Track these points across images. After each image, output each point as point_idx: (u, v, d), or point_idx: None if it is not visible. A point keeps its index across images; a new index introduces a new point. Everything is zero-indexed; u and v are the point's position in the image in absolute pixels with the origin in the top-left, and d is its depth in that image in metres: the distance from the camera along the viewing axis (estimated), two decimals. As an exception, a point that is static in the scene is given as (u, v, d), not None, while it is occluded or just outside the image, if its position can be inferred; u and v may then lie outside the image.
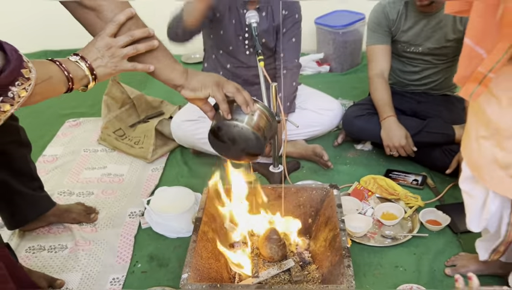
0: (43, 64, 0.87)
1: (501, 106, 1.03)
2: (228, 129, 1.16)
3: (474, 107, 1.12)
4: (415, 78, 2.10)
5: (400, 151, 1.92)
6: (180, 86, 1.11)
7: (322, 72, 2.99)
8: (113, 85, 2.33)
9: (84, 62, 0.95)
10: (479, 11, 1.00)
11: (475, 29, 1.02)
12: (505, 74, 1.01)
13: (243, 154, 1.22)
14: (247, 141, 1.17)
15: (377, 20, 2.04)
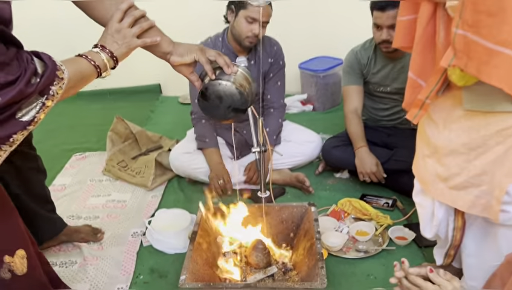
0: (74, 62, 1.05)
1: (438, 129, 1.28)
2: (214, 88, 1.27)
3: (420, 132, 1.36)
4: (385, 114, 2.37)
5: (372, 177, 2.15)
6: (169, 53, 1.23)
7: (306, 110, 3.26)
8: (117, 122, 2.57)
9: (104, 50, 1.11)
10: (418, 50, 1.27)
11: (416, 64, 1.28)
12: (440, 104, 1.26)
13: (230, 111, 1.32)
14: (232, 96, 1.28)
15: (351, 64, 2.32)
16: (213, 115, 1.36)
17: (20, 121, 0.90)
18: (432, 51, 1.24)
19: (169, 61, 1.26)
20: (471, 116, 1.20)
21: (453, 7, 1.11)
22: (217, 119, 1.40)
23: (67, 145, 2.84)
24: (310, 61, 3.32)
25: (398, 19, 1.36)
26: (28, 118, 0.91)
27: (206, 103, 1.31)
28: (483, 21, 1.02)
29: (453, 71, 1.11)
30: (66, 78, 0.97)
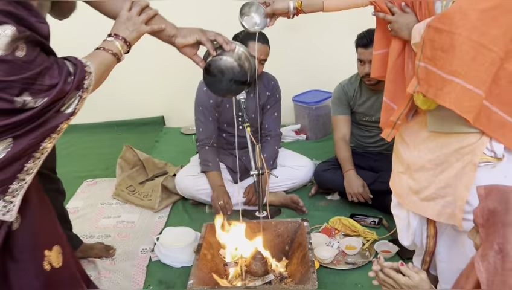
0: (95, 56, 1.19)
1: (409, 149, 1.50)
2: (216, 63, 1.39)
3: (395, 152, 1.58)
4: (371, 142, 2.59)
5: (359, 197, 2.35)
6: (173, 36, 1.36)
7: (299, 140, 3.48)
8: (126, 150, 2.78)
9: (118, 37, 1.25)
10: (390, 78, 1.50)
11: (389, 91, 1.52)
12: (410, 128, 1.49)
13: (232, 84, 1.42)
14: (232, 69, 1.39)
15: (339, 97, 2.57)
16: (218, 89, 1.47)
17: (65, 114, 1.08)
18: (401, 79, 1.47)
19: (175, 44, 1.38)
20: (435, 137, 1.42)
21: (416, 44, 1.35)
22: (221, 93, 1.51)
23: (79, 173, 3.03)
24: (302, 94, 3.57)
25: (373, 53, 1.62)
26: (71, 110, 1.09)
27: (210, 78, 1.42)
28: (438, 55, 1.26)
29: (418, 97, 1.34)
30: (93, 71, 1.14)
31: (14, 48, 0.97)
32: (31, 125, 1.03)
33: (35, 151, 1.06)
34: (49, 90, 1.04)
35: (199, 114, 2.50)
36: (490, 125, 1.33)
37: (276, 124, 2.58)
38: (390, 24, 1.47)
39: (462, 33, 1.23)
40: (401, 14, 1.45)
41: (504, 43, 1.25)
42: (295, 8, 1.55)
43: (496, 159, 1.35)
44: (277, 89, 2.57)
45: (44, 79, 1.03)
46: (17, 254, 1.12)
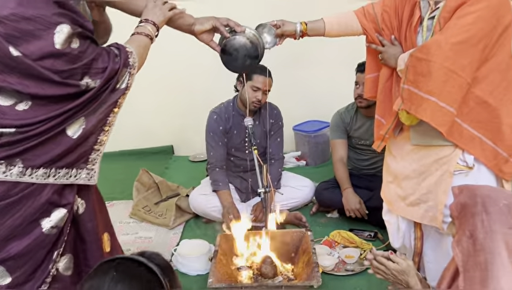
0: (133, 40, 1.41)
1: (396, 161, 1.77)
2: (230, 42, 1.62)
3: (385, 164, 1.86)
4: (366, 164, 2.86)
5: (356, 213, 2.60)
6: (192, 24, 1.57)
7: (300, 165, 3.75)
8: (143, 173, 3.04)
9: (148, 21, 1.44)
10: (380, 98, 1.80)
11: (379, 108, 1.81)
12: (397, 143, 1.78)
13: (246, 59, 1.64)
14: (245, 45, 1.63)
15: (336, 123, 2.86)
16: (235, 66, 1.69)
17: (120, 89, 1.32)
18: (389, 99, 1.77)
19: (194, 31, 1.59)
20: (417, 150, 1.70)
21: (402, 70, 1.66)
22: (238, 69, 1.73)
23: (96, 196, 3.27)
24: (302, 124, 3.87)
25: (365, 77, 1.92)
26: (124, 85, 1.33)
27: (226, 57, 1.64)
28: (419, 79, 1.57)
29: (402, 113, 1.63)
30: (134, 50, 1.37)
31: (69, 42, 1.22)
32: (95, 103, 1.27)
33: (104, 126, 1.31)
34: (104, 72, 1.28)
35: (210, 140, 2.77)
36: (462, 140, 1.61)
37: (279, 148, 2.87)
38: (380, 54, 1.78)
39: (436, 61, 1.53)
40: (390, 46, 1.76)
41: (471, 71, 1.55)
42: (301, 31, 1.84)
43: (468, 168, 1.63)
44: (280, 117, 2.87)
45: (98, 63, 1.28)
46: (83, 235, 1.37)
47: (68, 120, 1.25)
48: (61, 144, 1.25)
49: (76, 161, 1.29)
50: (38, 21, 1.17)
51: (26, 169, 1.24)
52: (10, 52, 1.17)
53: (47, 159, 1.25)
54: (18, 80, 1.20)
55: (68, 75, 1.22)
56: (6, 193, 1.23)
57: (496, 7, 1.53)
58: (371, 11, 1.84)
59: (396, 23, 1.77)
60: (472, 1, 1.52)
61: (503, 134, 1.60)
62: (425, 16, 1.67)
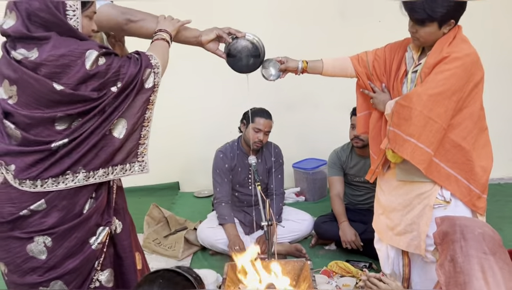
0: (153, 45, 1.62)
1: (385, 195, 2.04)
2: (233, 46, 1.83)
3: (376, 198, 2.12)
4: (361, 199, 3.13)
5: (352, 245, 2.84)
6: (199, 36, 1.77)
7: (299, 201, 4.00)
8: (153, 208, 3.29)
9: (162, 31, 1.67)
10: (372, 135, 2.09)
11: (372, 145, 2.09)
12: (385, 178, 2.05)
13: (250, 59, 1.86)
14: (247, 47, 1.85)
15: (333, 161, 3.15)
16: (240, 67, 1.89)
17: (148, 88, 1.52)
18: (379, 137, 2.06)
19: (201, 42, 1.79)
20: (402, 185, 1.97)
21: (388, 115, 1.94)
22: (244, 69, 1.91)
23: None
24: (301, 161, 4.14)
25: (357, 115, 2.21)
26: (152, 84, 1.52)
27: (232, 59, 1.86)
28: (401, 122, 1.86)
29: (388, 152, 1.91)
30: (153, 53, 1.56)
31: (97, 61, 1.44)
32: (128, 100, 1.48)
33: (143, 122, 1.53)
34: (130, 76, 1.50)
35: (216, 176, 3.04)
36: (440, 177, 1.88)
37: (280, 184, 3.14)
38: (371, 99, 2.08)
39: (417, 108, 1.82)
40: (380, 93, 2.06)
41: (446, 118, 1.84)
42: (302, 68, 2.14)
43: (446, 202, 1.90)
44: (280, 155, 3.16)
45: (123, 70, 1.49)
46: (120, 252, 1.62)
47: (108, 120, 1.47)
48: (111, 144, 1.48)
49: (127, 157, 1.52)
50: (71, 54, 1.41)
51: (89, 172, 1.48)
52: (54, 88, 1.40)
53: (102, 160, 1.48)
54: (66, 107, 1.43)
55: (102, 87, 1.46)
56: (63, 218, 1.48)
57: (469, 66, 1.83)
58: (364, 58, 2.15)
59: (386, 73, 2.08)
60: (448, 60, 1.82)
61: (475, 174, 1.88)
62: (410, 69, 1.98)
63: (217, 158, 3.07)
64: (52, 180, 1.45)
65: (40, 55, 1.40)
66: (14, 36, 1.43)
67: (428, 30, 1.85)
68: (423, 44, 1.92)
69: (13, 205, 1.45)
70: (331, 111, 3.99)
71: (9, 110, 1.44)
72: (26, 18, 1.41)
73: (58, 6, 1.42)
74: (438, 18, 1.81)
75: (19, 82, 1.42)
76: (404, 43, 2.04)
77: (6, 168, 1.46)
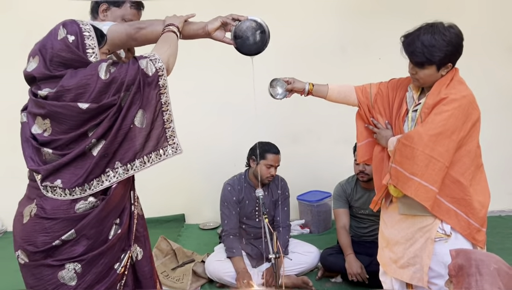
0: (162, 38, 1.73)
1: (388, 228, 2.15)
2: (238, 28, 1.91)
3: (380, 232, 2.23)
4: (366, 232, 3.23)
5: (358, 277, 2.92)
6: (205, 26, 1.87)
7: (304, 233, 4.09)
8: (161, 240, 3.39)
9: (172, 25, 1.79)
10: (375, 164, 2.21)
11: (375, 175, 2.20)
12: (388, 212, 2.17)
13: (256, 36, 1.93)
14: (251, 25, 1.93)
15: (339, 193, 3.27)
16: (249, 46, 1.95)
17: (152, 75, 1.62)
18: (381, 169, 2.18)
19: (208, 31, 1.88)
20: (405, 219, 2.08)
21: (391, 151, 2.07)
22: (253, 47, 1.96)
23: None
24: (305, 194, 4.26)
25: (357, 144, 2.33)
26: (154, 70, 1.62)
27: (239, 40, 1.94)
28: (404, 161, 1.98)
29: (390, 187, 2.03)
30: (154, 51, 1.68)
31: (109, 70, 1.59)
32: (139, 92, 1.60)
33: (161, 107, 1.65)
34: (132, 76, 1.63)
35: (224, 209, 3.15)
36: (440, 211, 2.00)
37: (286, 216, 3.26)
38: (375, 134, 2.21)
39: (418, 148, 1.95)
40: (383, 129, 2.19)
41: (448, 157, 1.96)
42: (308, 90, 2.29)
43: (446, 235, 2.01)
44: (286, 188, 3.29)
45: (128, 70, 1.61)
46: (141, 278, 1.74)
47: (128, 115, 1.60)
48: (138, 136, 1.62)
49: (157, 143, 1.66)
50: (87, 73, 1.57)
51: (126, 166, 1.62)
52: (81, 108, 1.56)
53: (134, 151, 1.62)
54: (95, 118, 1.58)
55: (119, 91, 1.60)
56: (92, 245, 1.61)
57: (466, 107, 1.97)
58: (367, 90, 2.29)
59: (388, 110, 2.21)
60: (446, 101, 1.96)
61: (474, 209, 1.99)
62: (410, 108, 2.12)
63: (225, 191, 3.19)
64: (96, 181, 1.60)
65: (61, 84, 1.58)
66: (39, 78, 1.61)
67: (427, 72, 2.00)
68: (422, 85, 2.07)
69: (47, 235, 1.59)
70: (334, 144, 4.14)
71: (47, 140, 1.60)
72: (48, 60, 1.59)
73: (78, 45, 1.61)
74: (436, 62, 1.96)
75: (49, 115, 1.59)
76: (405, 82, 2.18)
77: (52, 187, 1.60)
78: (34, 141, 1.62)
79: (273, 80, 2.29)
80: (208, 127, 4.30)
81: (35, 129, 1.62)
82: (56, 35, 1.61)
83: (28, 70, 1.63)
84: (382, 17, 4.06)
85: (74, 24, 1.63)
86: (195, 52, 3.49)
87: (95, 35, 1.65)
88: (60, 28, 1.62)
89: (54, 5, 3.78)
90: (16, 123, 1.75)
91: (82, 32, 1.62)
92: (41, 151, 1.61)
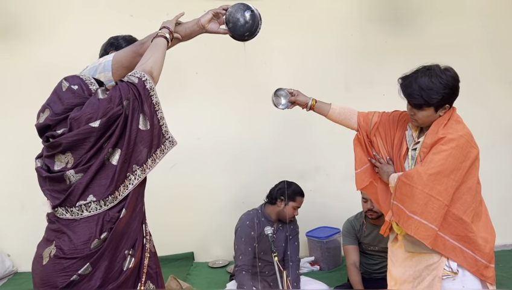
0: (152, 46, 1.87)
1: (395, 266, 2.22)
2: (227, 13, 2.02)
3: (388, 271, 2.29)
4: (376, 268, 3.27)
5: (369, 315, 2.96)
6: (198, 20, 1.99)
7: (314, 270, 4.13)
8: (171, 280, 3.45)
9: (165, 27, 1.92)
10: (381, 187, 2.27)
11: (383, 209, 2.27)
12: (395, 251, 2.24)
13: (247, 16, 2.03)
14: (239, 8, 2.04)
15: (348, 230, 3.34)
16: (243, 26, 2.05)
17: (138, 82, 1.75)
18: (387, 201, 2.26)
19: (202, 24, 2.00)
20: (411, 257, 2.15)
21: (392, 187, 2.16)
22: (247, 27, 2.05)
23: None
24: (314, 230, 4.31)
25: (355, 171, 2.40)
26: (137, 77, 1.76)
27: (232, 24, 2.04)
28: (404, 199, 2.07)
29: (394, 224, 2.11)
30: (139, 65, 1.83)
31: (104, 92, 1.74)
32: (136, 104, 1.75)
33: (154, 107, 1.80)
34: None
35: (240, 244, 3.20)
36: (446, 249, 2.07)
37: (296, 251, 3.36)
38: (376, 168, 2.30)
39: (418, 187, 2.04)
40: (385, 165, 2.28)
41: (447, 196, 2.04)
42: (311, 105, 2.39)
43: (453, 273, 2.07)
44: (296, 224, 3.38)
45: (122, 86, 1.75)
46: None
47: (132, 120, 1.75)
48: (145, 138, 1.76)
49: (159, 140, 1.80)
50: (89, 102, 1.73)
51: (142, 166, 1.76)
52: (93, 127, 1.70)
53: (146, 152, 1.76)
54: (109, 131, 1.72)
55: (120, 102, 1.74)
56: (106, 277, 1.69)
57: (464, 146, 2.07)
58: (369, 117, 2.39)
59: (389, 144, 2.30)
60: (444, 141, 2.06)
61: (479, 245, 2.06)
62: (410, 147, 2.22)
63: (243, 225, 3.24)
64: (122, 187, 1.73)
65: (70, 117, 1.73)
66: (53, 124, 1.75)
67: (425, 114, 2.11)
68: (421, 125, 2.18)
69: (66, 274, 1.69)
70: (342, 180, 4.22)
71: (70, 168, 1.73)
72: (59, 108, 1.75)
73: (84, 91, 1.78)
74: (434, 104, 2.07)
75: (68, 147, 1.73)
76: (406, 118, 2.28)
77: (87, 205, 1.71)
78: (55, 174, 1.76)
79: (278, 90, 2.39)
80: (215, 168, 4.40)
81: (58, 166, 1.76)
82: (60, 88, 1.79)
83: (41, 121, 1.78)
84: (386, 54, 4.23)
85: (75, 77, 1.83)
86: (207, 98, 3.66)
87: (96, 83, 1.84)
88: (63, 82, 1.81)
89: (68, 51, 4.01)
90: (28, 164, 1.86)
91: (84, 81, 1.81)
92: (64, 177, 1.73)
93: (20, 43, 4.24)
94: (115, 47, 2.20)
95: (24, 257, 3.99)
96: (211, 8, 2.04)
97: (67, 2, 4.24)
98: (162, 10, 4.07)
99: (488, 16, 4.29)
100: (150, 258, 1.89)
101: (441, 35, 4.18)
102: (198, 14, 2.04)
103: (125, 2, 4.20)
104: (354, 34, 4.29)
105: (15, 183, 4.17)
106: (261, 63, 4.23)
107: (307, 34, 4.28)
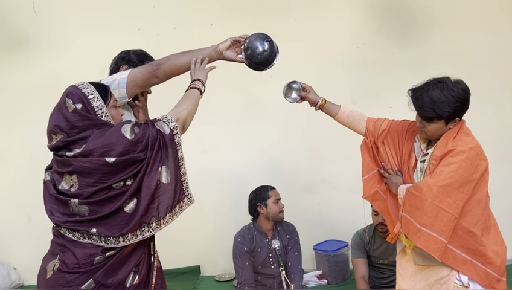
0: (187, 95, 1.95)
1: (404, 280, 2.20)
2: (247, 46, 2.09)
3: (397, 284, 2.26)
4: (385, 282, 3.25)
5: (378, 330, 2.92)
6: (217, 46, 2.07)
7: (322, 284, 4.08)
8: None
9: (198, 80, 1.98)
10: (389, 209, 2.25)
11: (389, 224, 2.25)
12: (403, 264, 2.23)
13: (264, 44, 2.10)
14: (258, 37, 2.11)
15: (357, 243, 3.31)
16: (260, 56, 2.12)
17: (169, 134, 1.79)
18: (396, 205, 2.25)
19: (220, 50, 2.08)
20: (421, 271, 2.13)
21: (401, 199, 2.14)
22: (265, 54, 2.12)
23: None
24: (321, 243, 4.27)
25: (363, 178, 2.38)
26: (168, 130, 1.80)
27: (250, 53, 2.11)
28: (413, 211, 2.06)
29: (402, 236, 2.09)
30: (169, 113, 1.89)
31: (133, 131, 1.75)
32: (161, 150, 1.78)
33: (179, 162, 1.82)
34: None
35: (237, 261, 3.22)
36: (456, 263, 2.05)
37: (297, 261, 3.36)
38: (385, 179, 2.29)
39: (427, 199, 2.03)
40: (394, 175, 2.27)
41: (457, 208, 2.03)
42: (320, 105, 2.39)
43: (464, 287, 2.05)
44: (295, 233, 3.40)
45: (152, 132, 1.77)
46: None
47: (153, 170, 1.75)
48: (167, 191, 1.77)
49: (180, 196, 1.81)
50: (111, 135, 1.74)
51: (160, 221, 1.76)
52: (108, 162, 1.71)
53: (167, 206, 1.77)
54: (122, 173, 1.72)
55: (145, 149, 1.76)
56: None
57: (473, 158, 2.06)
58: (378, 123, 2.39)
59: (398, 154, 2.29)
60: (453, 153, 2.06)
61: (489, 258, 2.05)
62: (419, 159, 2.21)
63: (236, 243, 3.29)
64: (131, 235, 1.73)
65: (87, 145, 1.74)
66: (65, 145, 1.76)
67: (435, 126, 2.10)
68: (430, 137, 2.17)
69: (69, 288, 1.70)
70: (349, 193, 4.19)
71: (73, 194, 1.74)
72: (69, 131, 1.76)
73: (88, 110, 1.79)
74: (445, 117, 2.07)
75: (76, 170, 1.74)
76: (415, 129, 2.26)
77: (89, 234, 1.72)
78: (61, 196, 1.76)
79: (292, 82, 2.42)
80: (224, 179, 4.40)
81: (63, 186, 1.77)
82: (66, 108, 1.79)
83: (53, 143, 1.80)
84: (392, 66, 4.24)
85: (76, 90, 1.81)
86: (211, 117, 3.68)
87: (99, 95, 1.83)
88: (66, 99, 1.79)
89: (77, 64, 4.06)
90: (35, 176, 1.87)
91: (87, 98, 1.80)
92: (69, 203, 1.74)
93: (29, 56, 4.29)
94: (126, 61, 2.22)
95: (30, 270, 3.97)
96: (217, 23, 2.08)
97: (76, 16, 4.29)
98: (169, 24, 4.16)
99: (494, 27, 4.29)
100: (157, 274, 1.90)
101: (447, 47, 4.19)
102: (205, 29, 2.07)
103: (133, 16, 4.25)
104: (361, 46, 4.31)
105: (22, 196, 4.19)
106: (268, 76, 4.24)
107: (313, 47, 4.30)
